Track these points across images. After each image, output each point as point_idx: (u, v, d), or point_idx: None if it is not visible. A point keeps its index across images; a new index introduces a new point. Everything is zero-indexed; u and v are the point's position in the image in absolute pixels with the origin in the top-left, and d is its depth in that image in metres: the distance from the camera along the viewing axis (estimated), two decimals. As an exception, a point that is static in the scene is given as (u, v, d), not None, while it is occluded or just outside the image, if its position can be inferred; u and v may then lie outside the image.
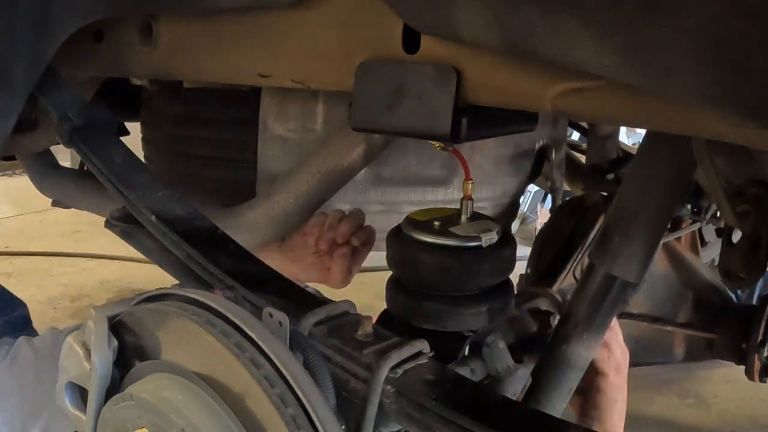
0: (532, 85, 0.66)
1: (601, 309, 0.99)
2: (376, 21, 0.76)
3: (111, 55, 1.10)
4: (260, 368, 0.65)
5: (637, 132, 4.13)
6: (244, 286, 0.87)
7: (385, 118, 0.76)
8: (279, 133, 1.29)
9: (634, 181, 0.97)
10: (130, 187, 1.01)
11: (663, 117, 0.59)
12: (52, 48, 0.98)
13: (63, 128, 1.07)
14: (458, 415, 0.67)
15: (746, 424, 2.21)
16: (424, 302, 0.96)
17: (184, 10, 0.96)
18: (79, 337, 0.77)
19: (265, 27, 0.88)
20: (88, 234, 3.99)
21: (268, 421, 0.64)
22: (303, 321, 0.78)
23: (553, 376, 1.02)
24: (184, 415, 0.67)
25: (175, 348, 0.72)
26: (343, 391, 0.74)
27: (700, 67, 0.48)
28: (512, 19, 0.58)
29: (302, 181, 1.17)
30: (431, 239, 0.94)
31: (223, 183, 1.42)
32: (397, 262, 0.98)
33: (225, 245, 0.98)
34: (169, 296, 0.76)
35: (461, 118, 0.72)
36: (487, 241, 0.95)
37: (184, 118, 1.45)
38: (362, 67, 0.78)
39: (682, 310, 1.61)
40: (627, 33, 0.51)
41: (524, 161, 1.51)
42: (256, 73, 0.90)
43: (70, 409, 0.81)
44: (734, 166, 0.79)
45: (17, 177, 4.88)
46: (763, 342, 1.58)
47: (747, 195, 0.78)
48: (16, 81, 1.01)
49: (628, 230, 0.94)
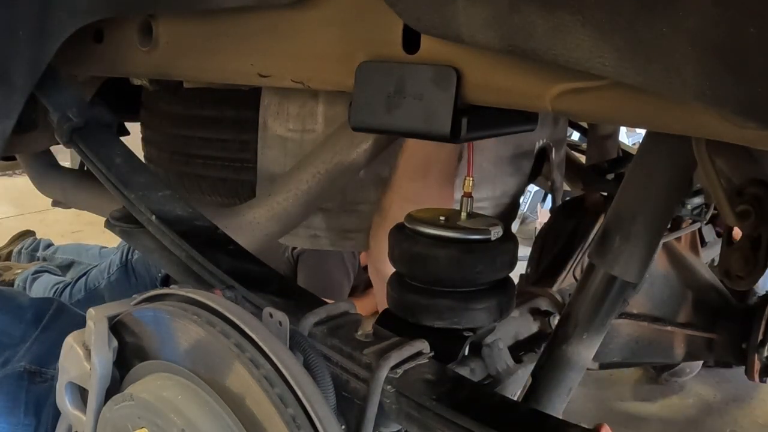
0: (532, 85, 0.66)
1: (601, 309, 0.99)
2: (376, 21, 0.76)
3: (111, 55, 1.10)
4: (260, 368, 0.65)
5: (637, 132, 4.12)
6: (244, 286, 0.87)
7: (385, 118, 0.76)
8: (279, 133, 1.29)
9: (634, 181, 0.97)
10: (130, 187, 1.01)
11: (663, 117, 0.59)
12: (52, 48, 0.98)
13: (63, 128, 1.07)
14: (458, 415, 0.67)
15: (746, 424, 2.21)
16: (436, 299, 0.95)
17: (184, 10, 0.96)
18: (79, 337, 0.78)
19: (265, 27, 0.88)
20: (88, 234, 3.98)
21: (268, 421, 0.64)
22: (303, 321, 0.78)
23: (553, 376, 1.02)
24: (184, 415, 0.67)
25: (175, 348, 0.72)
26: (343, 391, 0.74)
27: (700, 67, 0.48)
28: (512, 19, 0.58)
29: (302, 180, 1.17)
30: (442, 233, 0.94)
31: (223, 183, 1.42)
32: (405, 259, 0.97)
33: (225, 245, 0.98)
34: (169, 296, 0.76)
35: (461, 118, 0.72)
36: (495, 234, 0.95)
37: (184, 118, 1.45)
38: (362, 67, 0.78)
39: (682, 310, 1.61)
40: (627, 33, 0.51)
41: (524, 161, 1.51)
42: (256, 73, 0.90)
43: (70, 409, 0.81)
44: (734, 166, 0.79)
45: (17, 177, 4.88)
46: (763, 342, 1.58)
47: (747, 195, 0.78)
48: (16, 81, 1.01)
49: (628, 230, 0.94)
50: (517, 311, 1.20)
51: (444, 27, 0.65)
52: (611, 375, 2.34)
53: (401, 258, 0.98)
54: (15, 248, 2.90)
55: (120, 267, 2.36)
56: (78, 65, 1.15)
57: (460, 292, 0.95)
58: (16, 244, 2.92)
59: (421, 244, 0.94)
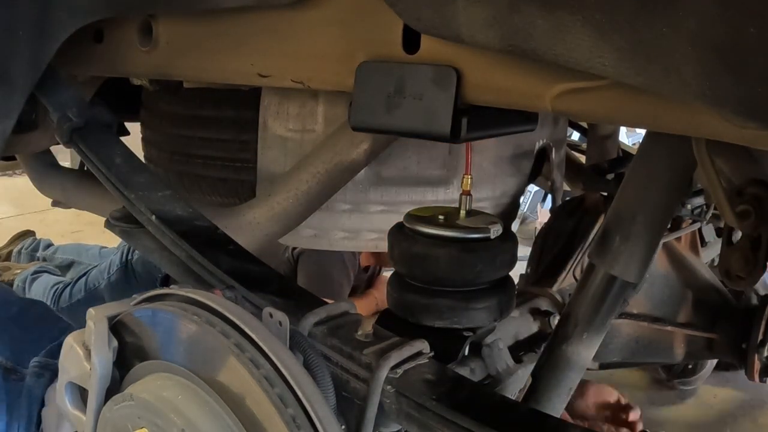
0: (532, 85, 0.66)
1: (601, 309, 0.99)
2: (376, 21, 0.76)
3: (111, 55, 1.10)
4: (260, 368, 0.65)
5: (637, 132, 4.12)
6: (244, 286, 0.87)
7: (385, 118, 0.76)
8: (279, 133, 1.29)
9: (634, 181, 0.97)
10: (130, 187, 1.01)
11: (663, 117, 0.59)
12: (52, 48, 0.98)
13: (63, 128, 1.07)
14: (458, 415, 0.67)
15: (746, 424, 2.21)
16: (436, 299, 0.95)
17: (184, 10, 0.96)
18: (79, 337, 0.78)
19: (265, 27, 0.88)
20: (88, 234, 3.98)
21: (268, 421, 0.64)
22: (303, 321, 0.78)
23: (553, 376, 1.02)
24: (184, 415, 0.67)
25: (175, 348, 0.72)
26: (343, 391, 0.74)
27: (700, 67, 0.48)
28: (512, 19, 0.58)
29: (302, 181, 1.17)
30: (441, 232, 0.94)
31: (223, 183, 1.42)
32: (405, 258, 0.97)
33: (225, 245, 0.98)
34: (169, 296, 0.76)
35: (461, 118, 0.72)
36: (495, 232, 0.94)
37: (184, 118, 1.45)
38: (362, 67, 0.78)
39: (682, 310, 1.61)
40: (627, 33, 0.51)
41: (524, 161, 1.51)
42: (256, 73, 0.90)
43: (70, 409, 0.81)
44: (734, 166, 0.79)
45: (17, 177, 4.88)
46: (763, 342, 1.57)
47: (747, 195, 0.78)
48: (16, 81, 1.01)
49: (628, 230, 0.94)
50: (517, 311, 1.20)
51: (444, 27, 0.65)
52: (611, 375, 2.33)
53: (401, 258, 0.98)
54: (15, 248, 2.89)
55: (120, 267, 2.35)
56: (78, 65, 1.15)
57: (460, 292, 0.95)
58: (16, 244, 2.92)
59: (420, 243, 0.94)
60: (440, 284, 0.95)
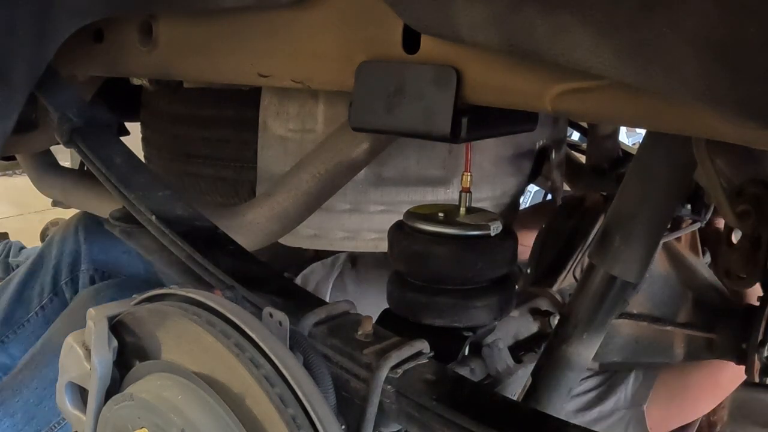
0: (532, 85, 0.66)
1: (601, 309, 0.99)
2: (376, 21, 0.76)
3: (111, 55, 1.10)
4: (260, 368, 0.65)
5: (637, 132, 4.12)
6: (244, 286, 0.87)
7: (385, 118, 0.76)
8: (279, 133, 1.29)
9: (634, 181, 0.97)
10: (130, 187, 1.01)
11: (663, 117, 0.60)
12: (52, 48, 0.98)
13: (63, 128, 1.06)
14: (458, 415, 0.67)
15: (746, 424, 2.21)
16: (437, 297, 0.94)
17: (184, 10, 0.96)
18: (79, 337, 0.78)
19: (265, 27, 0.88)
20: (88, 234, 3.97)
21: (268, 421, 0.64)
22: (303, 321, 0.78)
23: (553, 376, 1.02)
24: (184, 415, 0.67)
25: (175, 348, 0.72)
26: (343, 391, 0.74)
27: (700, 66, 0.48)
28: (512, 19, 0.58)
29: (302, 181, 1.17)
30: (441, 229, 0.93)
31: (223, 183, 1.42)
32: (405, 256, 0.97)
33: (225, 245, 0.98)
34: (169, 296, 0.76)
35: (461, 118, 0.72)
36: (495, 229, 0.94)
37: (184, 118, 1.45)
38: (362, 67, 0.78)
39: (682, 310, 1.61)
40: (627, 33, 0.51)
41: (524, 161, 1.51)
42: (256, 73, 0.90)
43: (70, 409, 0.81)
44: (734, 166, 0.79)
45: (17, 177, 4.88)
46: (763, 342, 1.57)
47: (747, 195, 0.78)
48: (16, 81, 1.01)
49: (628, 230, 0.94)
50: (517, 311, 1.19)
51: (444, 27, 0.65)
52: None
53: (401, 255, 0.98)
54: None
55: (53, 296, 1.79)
56: (78, 65, 1.15)
57: (460, 290, 0.95)
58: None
59: (420, 241, 0.94)
60: (440, 282, 0.95)
